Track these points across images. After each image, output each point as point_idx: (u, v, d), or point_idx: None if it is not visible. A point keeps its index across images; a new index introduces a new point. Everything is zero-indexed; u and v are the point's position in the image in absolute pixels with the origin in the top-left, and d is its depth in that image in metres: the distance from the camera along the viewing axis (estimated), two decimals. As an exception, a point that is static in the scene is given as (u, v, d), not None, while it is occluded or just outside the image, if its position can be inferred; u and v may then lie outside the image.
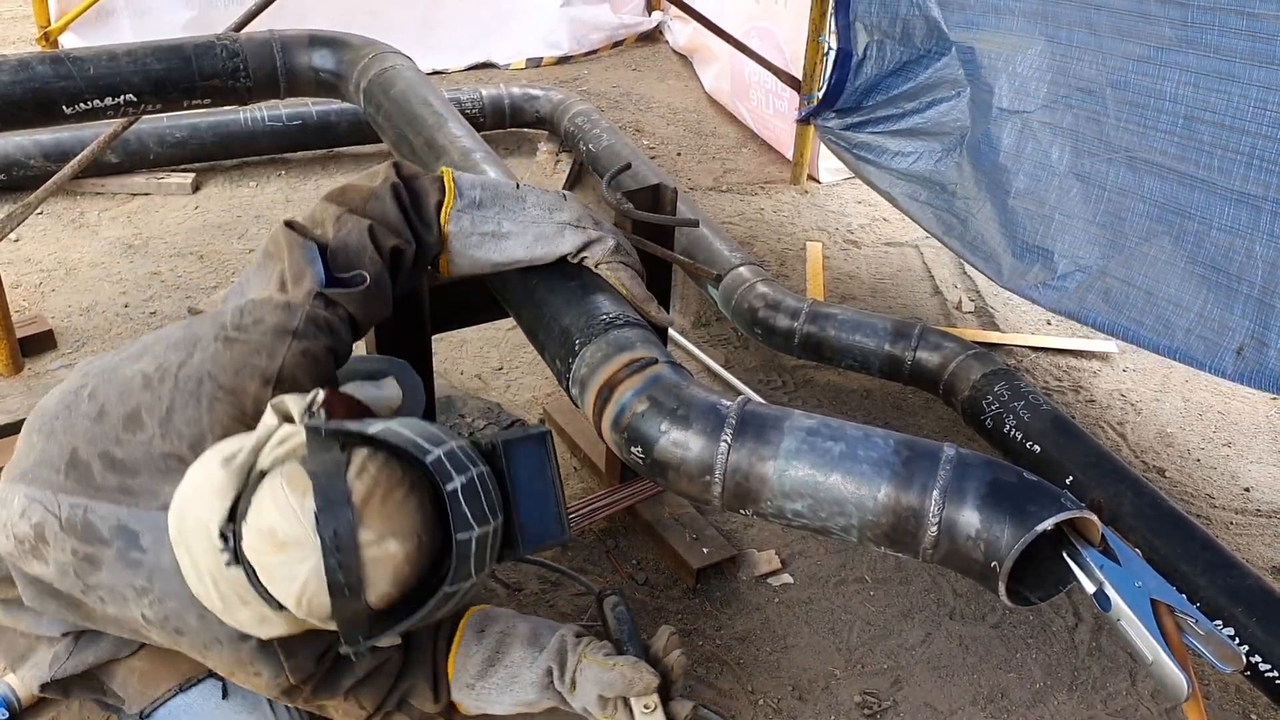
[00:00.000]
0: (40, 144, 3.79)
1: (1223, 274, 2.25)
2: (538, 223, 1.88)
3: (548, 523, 1.60)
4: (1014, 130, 2.74)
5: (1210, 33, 2.14)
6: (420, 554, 1.44)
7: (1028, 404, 2.59)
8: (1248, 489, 2.91)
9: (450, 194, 1.86)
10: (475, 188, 1.88)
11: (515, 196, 1.90)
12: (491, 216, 1.87)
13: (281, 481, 1.39)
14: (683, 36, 5.67)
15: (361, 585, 1.40)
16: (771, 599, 2.47)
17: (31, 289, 3.44)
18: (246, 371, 1.58)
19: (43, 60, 2.55)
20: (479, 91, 4.47)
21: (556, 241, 1.90)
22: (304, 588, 1.39)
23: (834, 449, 1.55)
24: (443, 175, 1.88)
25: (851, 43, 3.40)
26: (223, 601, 1.45)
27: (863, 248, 3.99)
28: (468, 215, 1.85)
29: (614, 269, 1.92)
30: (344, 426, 1.43)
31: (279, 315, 1.63)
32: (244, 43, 2.73)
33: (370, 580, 1.40)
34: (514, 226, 1.87)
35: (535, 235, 1.88)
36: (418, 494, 1.44)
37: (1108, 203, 2.50)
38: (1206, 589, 2.13)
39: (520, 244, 1.89)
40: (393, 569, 1.41)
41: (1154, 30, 2.25)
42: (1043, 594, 1.48)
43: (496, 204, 1.88)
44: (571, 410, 2.85)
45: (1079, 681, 2.32)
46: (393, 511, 1.41)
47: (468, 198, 1.86)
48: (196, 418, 1.55)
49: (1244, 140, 2.14)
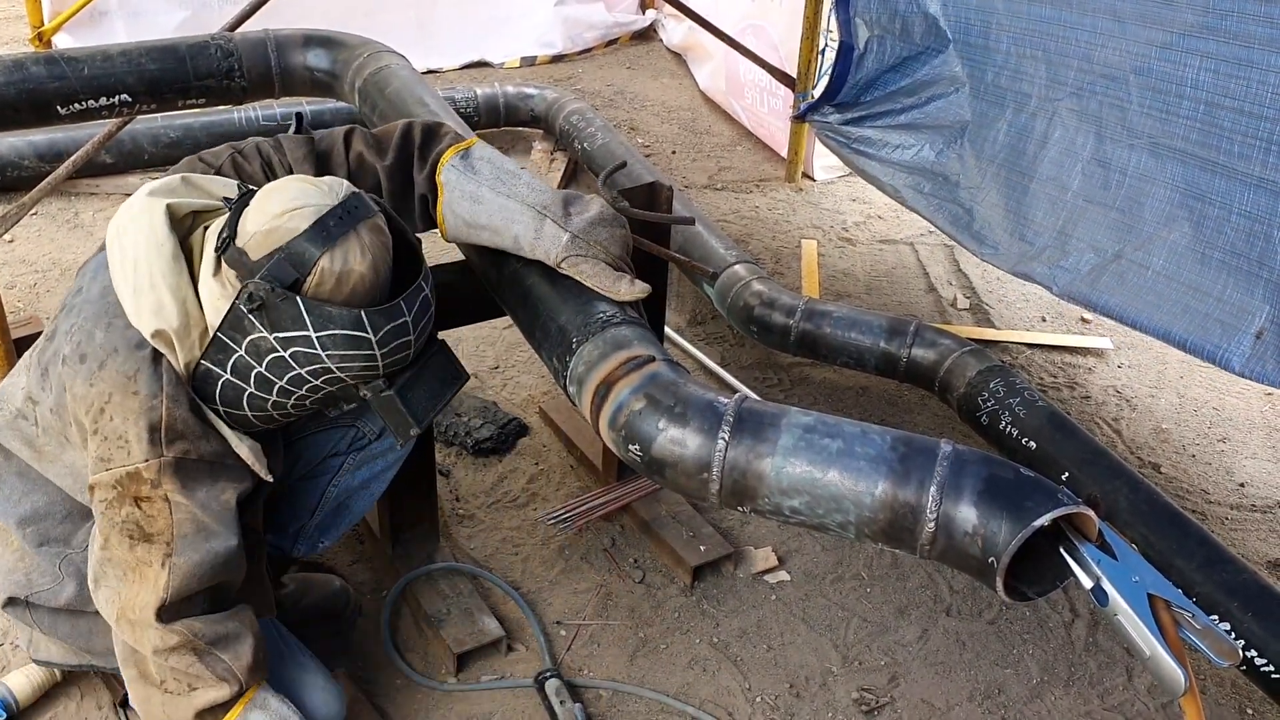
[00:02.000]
0: (34, 145, 3.78)
1: (1243, 258, 2.27)
2: (511, 198, 1.90)
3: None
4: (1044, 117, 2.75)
5: (1230, 19, 2.16)
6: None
7: (1023, 400, 2.60)
8: (1243, 484, 2.92)
9: (455, 150, 1.92)
10: (483, 159, 1.93)
11: (512, 173, 1.93)
12: (482, 180, 1.91)
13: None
14: (677, 35, 5.67)
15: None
16: (769, 596, 2.47)
17: (26, 290, 3.43)
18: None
19: (37, 60, 2.55)
20: (474, 90, 4.47)
21: (513, 220, 1.89)
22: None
23: (831, 446, 1.55)
24: (466, 137, 1.98)
25: (853, 37, 3.41)
26: (136, 281, 1.63)
27: (858, 245, 3.99)
28: (457, 172, 1.91)
29: (573, 264, 1.86)
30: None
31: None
32: (238, 42, 2.73)
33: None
34: (490, 194, 1.90)
35: (499, 207, 1.90)
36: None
37: (1128, 188, 2.52)
38: (1202, 584, 2.14)
39: (485, 211, 1.90)
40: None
41: (1176, 16, 2.28)
42: (1040, 589, 1.49)
43: (492, 175, 1.91)
44: (569, 409, 2.86)
45: (1076, 677, 2.33)
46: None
47: (469, 160, 1.92)
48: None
49: (1263, 126, 2.17)
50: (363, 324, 1.59)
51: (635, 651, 2.31)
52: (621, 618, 2.38)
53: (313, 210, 1.58)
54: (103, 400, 1.62)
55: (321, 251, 1.57)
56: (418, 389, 1.78)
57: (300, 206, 1.58)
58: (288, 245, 1.57)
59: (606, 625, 2.36)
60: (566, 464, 2.80)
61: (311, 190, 1.61)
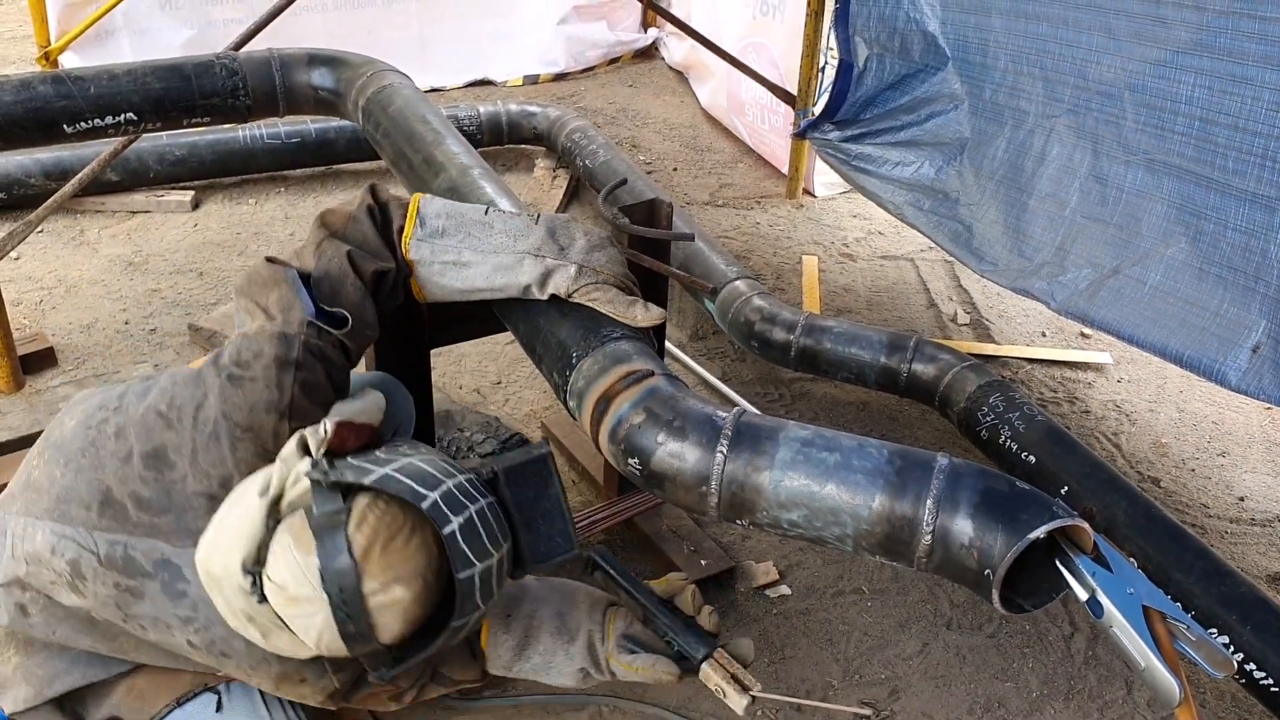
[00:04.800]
0: (41, 162, 3.81)
1: (1239, 273, 2.28)
2: (499, 251, 1.85)
3: (555, 539, 1.66)
4: (1042, 134, 2.77)
5: (1224, 36, 2.18)
6: (428, 592, 1.51)
7: (1023, 415, 2.61)
8: (1242, 498, 2.92)
9: (411, 222, 1.85)
10: (440, 216, 1.86)
11: (482, 223, 1.87)
12: (453, 245, 1.85)
13: (289, 540, 1.45)
14: (679, 53, 5.71)
15: (373, 630, 1.47)
16: (769, 610, 2.48)
17: (32, 306, 3.45)
18: (260, 408, 1.63)
19: (44, 80, 2.57)
20: (476, 108, 4.50)
21: (516, 272, 1.85)
22: (320, 636, 1.46)
23: (828, 459, 1.57)
24: (410, 202, 1.89)
25: (853, 55, 3.43)
26: (261, 633, 1.51)
27: (858, 261, 4.01)
28: (428, 244, 1.84)
29: (585, 293, 1.86)
30: (343, 478, 1.47)
31: (277, 347, 1.66)
32: (243, 61, 2.76)
33: (380, 625, 1.47)
34: (474, 256, 1.84)
35: (494, 265, 1.85)
36: (419, 534, 1.50)
37: (1125, 204, 2.53)
38: (1201, 598, 2.14)
39: (480, 273, 1.86)
40: (401, 612, 1.48)
41: (1171, 34, 2.30)
42: (1036, 601, 1.50)
43: (460, 231, 1.86)
44: (569, 423, 2.87)
45: (1075, 690, 2.33)
46: (395, 558, 1.46)
47: (429, 226, 1.85)
48: (221, 458, 1.61)
49: (1258, 141, 2.18)
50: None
51: (636, 665, 2.31)
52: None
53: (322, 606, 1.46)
54: None
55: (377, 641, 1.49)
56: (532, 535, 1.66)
57: (310, 597, 1.46)
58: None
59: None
60: (568, 478, 2.81)
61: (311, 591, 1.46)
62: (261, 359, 1.65)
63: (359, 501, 1.48)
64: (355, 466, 1.50)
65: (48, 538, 1.65)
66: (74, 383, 3.05)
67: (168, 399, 1.66)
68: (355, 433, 1.55)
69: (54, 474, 1.68)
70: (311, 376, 1.68)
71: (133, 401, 1.69)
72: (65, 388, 3.02)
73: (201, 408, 1.63)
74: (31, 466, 1.74)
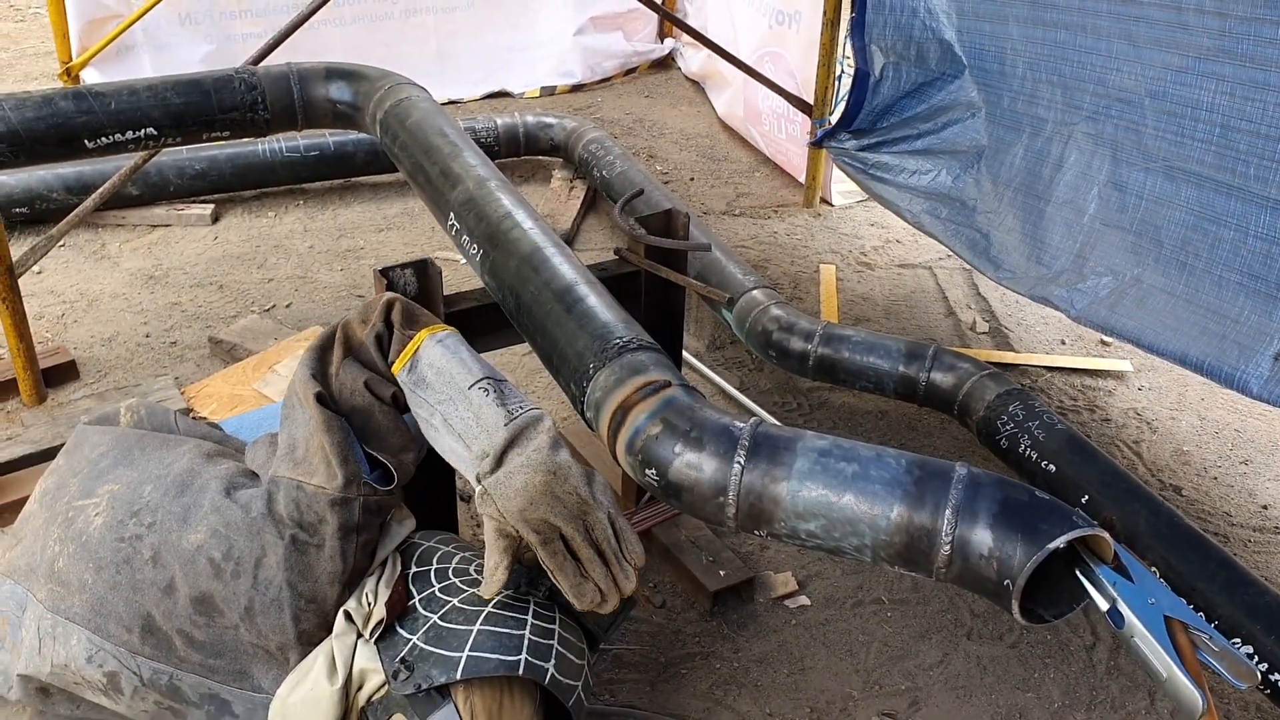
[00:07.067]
0: (62, 177, 3.84)
1: (1260, 281, 2.27)
2: (461, 436, 1.68)
3: (620, 610, 1.70)
4: (1060, 141, 2.76)
5: (1245, 43, 2.17)
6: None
7: (1043, 424, 2.60)
8: (1265, 506, 2.90)
9: (404, 360, 1.76)
10: (431, 368, 1.73)
11: (463, 395, 1.69)
12: (429, 402, 1.72)
13: None
14: (695, 63, 5.72)
15: None
16: (789, 621, 2.47)
17: (54, 320, 3.48)
18: (325, 580, 1.63)
19: (65, 96, 2.60)
20: (494, 120, 4.53)
21: (464, 465, 1.67)
22: None
23: (846, 469, 1.56)
24: (417, 336, 1.78)
25: (869, 64, 3.43)
26: None
27: (876, 270, 4.00)
28: (408, 390, 1.75)
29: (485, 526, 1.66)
30: (434, 681, 1.53)
31: (340, 515, 1.64)
32: (261, 76, 2.78)
33: None
34: (441, 424, 1.71)
35: (449, 447, 1.71)
36: (519, 687, 1.58)
37: (1145, 211, 2.52)
38: (1224, 607, 2.13)
39: (441, 444, 1.72)
40: None
41: (1191, 40, 2.29)
42: (1057, 612, 1.49)
43: (441, 392, 1.71)
44: (587, 434, 2.87)
45: (1097, 701, 2.31)
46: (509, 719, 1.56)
47: (417, 374, 1.74)
48: (282, 626, 1.61)
49: (1279, 148, 2.17)
50: None
51: (656, 677, 2.31)
52: (642, 643, 2.39)
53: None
54: None
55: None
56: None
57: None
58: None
59: (626, 650, 2.37)
60: (586, 489, 2.81)
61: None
62: (327, 526, 1.63)
63: (458, 694, 1.53)
64: (431, 655, 1.55)
65: (84, 646, 1.63)
66: (95, 395, 3.07)
67: (223, 548, 1.62)
68: (399, 599, 1.60)
69: (84, 578, 1.65)
70: (370, 537, 1.68)
71: (169, 524, 1.66)
72: (87, 400, 3.04)
73: (261, 566, 1.61)
74: (52, 547, 1.69)
